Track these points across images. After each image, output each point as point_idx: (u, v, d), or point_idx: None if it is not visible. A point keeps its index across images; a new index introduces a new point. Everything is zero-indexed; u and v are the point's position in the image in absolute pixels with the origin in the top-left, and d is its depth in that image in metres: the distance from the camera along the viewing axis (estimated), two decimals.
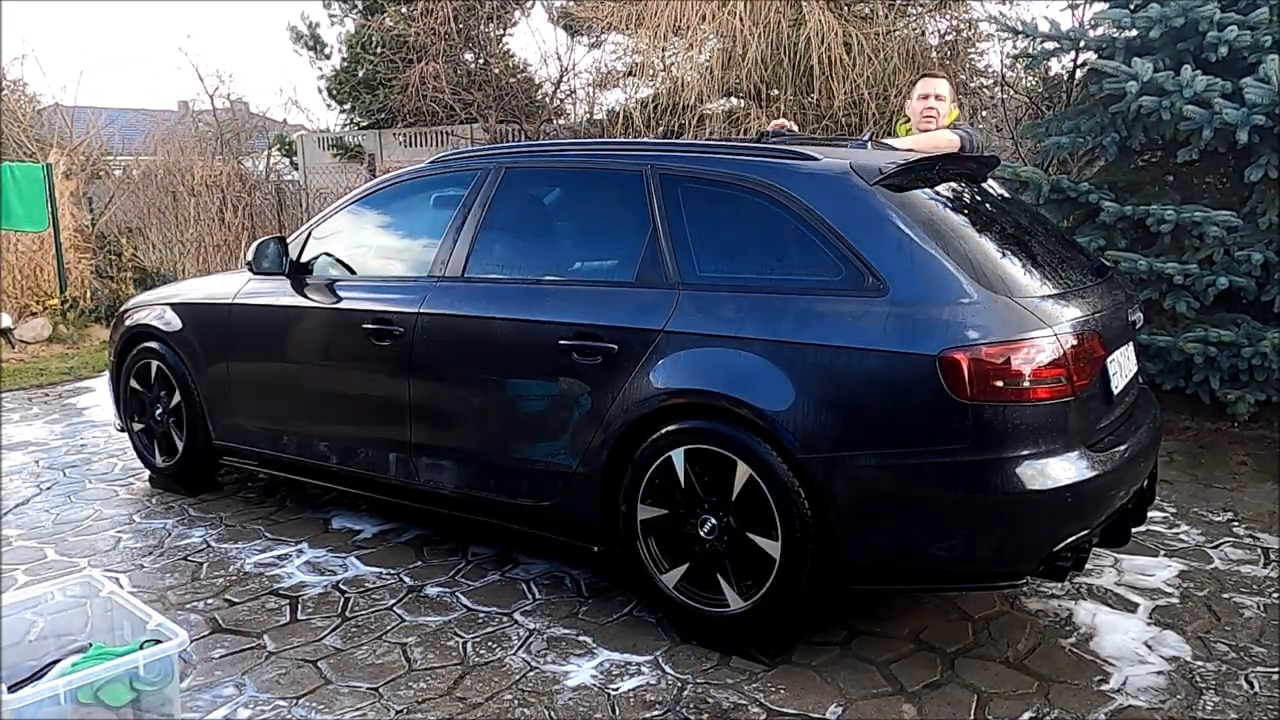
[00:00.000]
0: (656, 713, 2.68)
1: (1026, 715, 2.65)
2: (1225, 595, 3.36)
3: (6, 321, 8.97)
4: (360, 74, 16.72)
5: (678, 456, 2.99)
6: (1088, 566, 3.34)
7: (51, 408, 6.56)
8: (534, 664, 2.95)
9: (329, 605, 3.38)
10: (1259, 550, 3.76)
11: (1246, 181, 5.12)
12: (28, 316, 9.37)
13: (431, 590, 3.48)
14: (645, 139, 8.92)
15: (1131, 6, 5.38)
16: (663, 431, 3.01)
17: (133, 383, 4.66)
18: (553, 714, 2.69)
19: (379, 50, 15.24)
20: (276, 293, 4.11)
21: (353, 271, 4.06)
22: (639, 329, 3.07)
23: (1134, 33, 5.33)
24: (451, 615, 3.29)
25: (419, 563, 3.73)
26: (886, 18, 8.65)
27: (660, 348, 3.02)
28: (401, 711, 2.71)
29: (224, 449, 4.41)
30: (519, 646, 3.06)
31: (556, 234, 3.76)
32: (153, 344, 4.54)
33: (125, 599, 2.83)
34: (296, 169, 16.75)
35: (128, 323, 4.73)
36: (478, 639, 3.12)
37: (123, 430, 4.82)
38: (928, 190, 3.08)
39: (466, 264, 3.56)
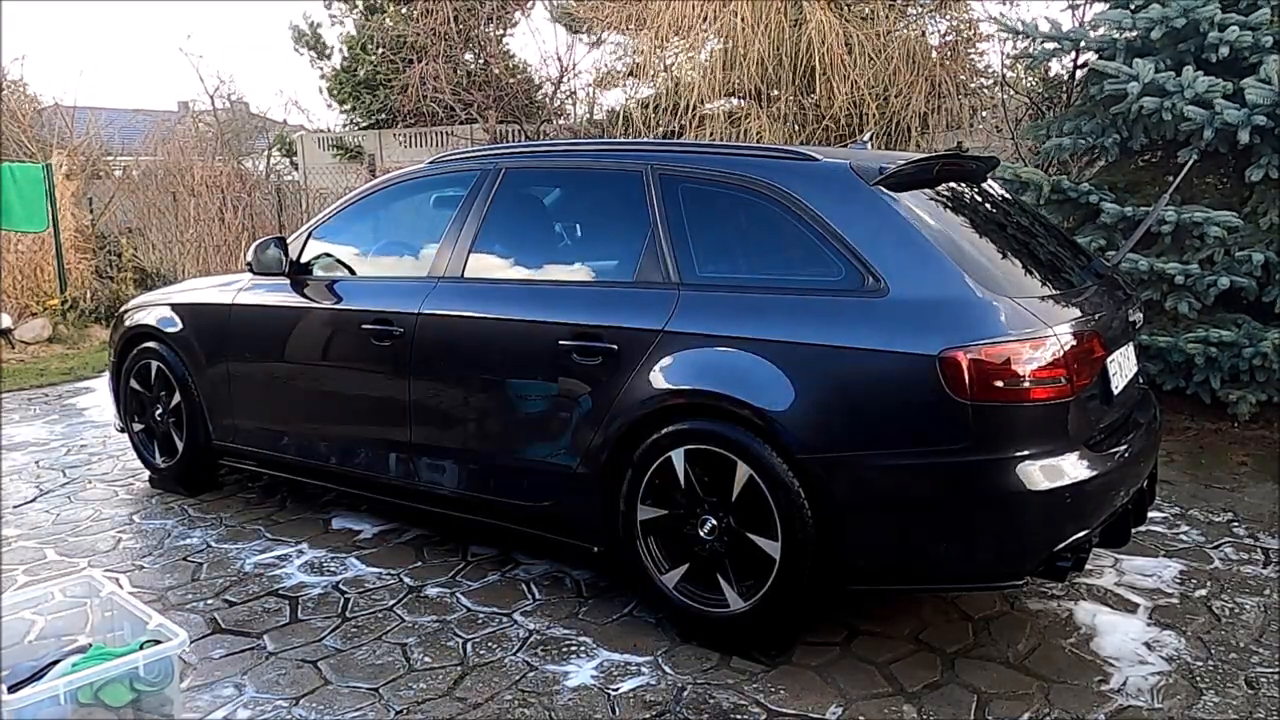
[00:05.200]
0: (656, 713, 2.68)
1: (1026, 715, 2.65)
2: (1225, 595, 3.36)
3: (6, 321, 8.97)
4: (360, 74, 16.76)
5: (678, 457, 2.99)
6: (1088, 566, 3.34)
7: (51, 408, 6.56)
8: (534, 664, 2.95)
9: (329, 605, 3.37)
10: (1259, 550, 3.76)
11: (1247, 182, 5.12)
12: (28, 316, 9.38)
13: (431, 590, 3.48)
14: (645, 139, 8.92)
15: (1132, 7, 5.37)
16: (663, 431, 3.01)
17: (133, 383, 4.66)
18: (553, 714, 2.69)
19: (379, 50, 15.27)
20: (276, 293, 4.11)
21: (353, 272, 4.06)
22: (639, 329, 3.07)
23: (1134, 33, 5.33)
24: (451, 615, 3.29)
25: (419, 563, 3.73)
26: (887, 18, 8.66)
27: (660, 348, 3.02)
28: (401, 711, 2.71)
29: (224, 449, 4.41)
30: (519, 646, 3.06)
31: (556, 234, 3.76)
32: (153, 344, 4.54)
33: (125, 599, 2.83)
34: (296, 169, 16.76)
35: (128, 323, 4.73)
36: (478, 639, 3.12)
37: (123, 430, 4.82)
38: (928, 190, 3.08)
39: (466, 264, 3.56)
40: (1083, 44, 5.82)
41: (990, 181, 3.55)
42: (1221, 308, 5.23)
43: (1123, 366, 3.13)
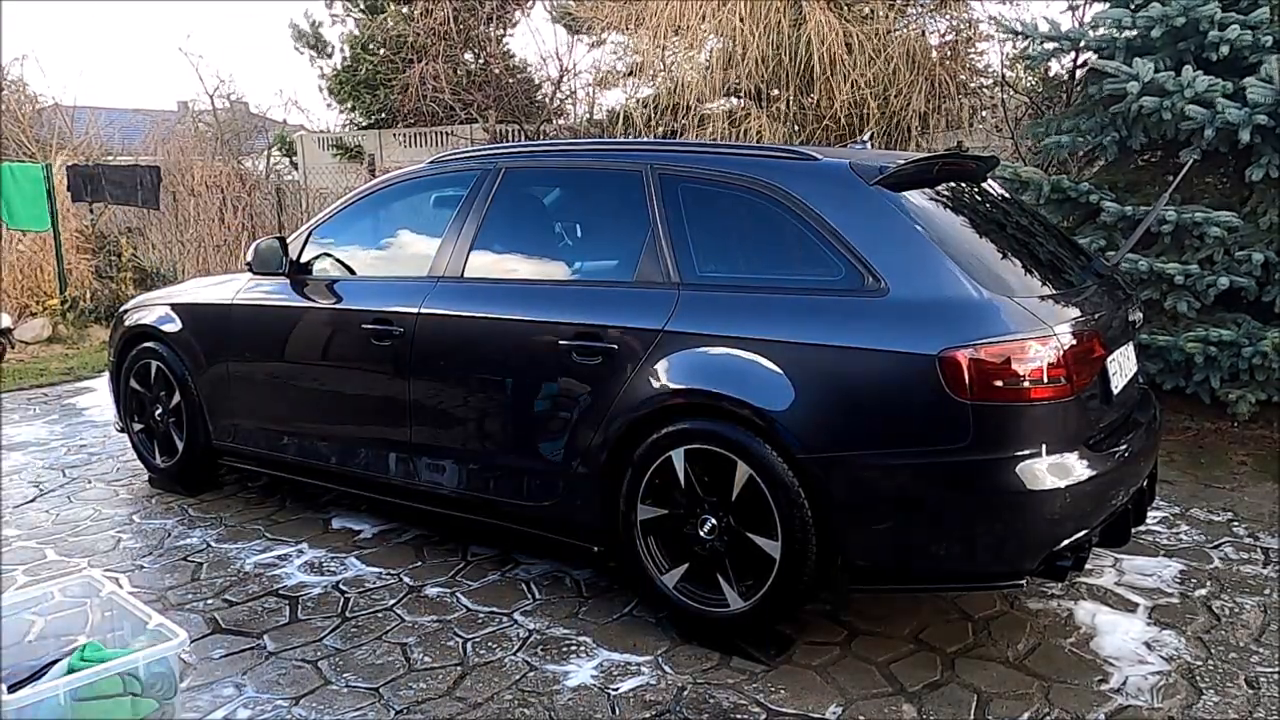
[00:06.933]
0: (656, 713, 2.68)
1: (1026, 715, 2.65)
2: (1225, 595, 3.36)
3: (6, 321, 8.96)
4: (361, 74, 16.75)
5: (678, 456, 2.99)
6: (1088, 566, 3.34)
7: (51, 408, 6.56)
8: (534, 664, 2.95)
9: (329, 605, 3.38)
10: (1259, 550, 3.76)
11: (1247, 181, 5.12)
12: (28, 316, 9.37)
13: (431, 590, 3.48)
14: (645, 139, 8.92)
15: (1132, 6, 5.37)
16: (663, 431, 3.01)
17: (133, 383, 4.66)
18: (553, 714, 2.69)
19: (379, 50, 15.28)
20: (276, 293, 4.11)
21: (352, 271, 4.06)
22: (639, 329, 3.07)
23: (1134, 32, 5.33)
24: (451, 615, 3.29)
25: (419, 563, 3.73)
26: (887, 18, 8.65)
27: (660, 348, 3.02)
28: (401, 711, 2.71)
29: (224, 449, 4.41)
30: (519, 646, 3.06)
31: (556, 234, 3.76)
32: (153, 344, 4.54)
33: (125, 599, 2.83)
34: (296, 169, 16.75)
35: (128, 323, 4.73)
36: (478, 639, 3.12)
37: (122, 430, 4.82)
38: (928, 190, 3.08)
39: (466, 264, 3.56)
40: (1082, 43, 5.82)
41: (990, 181, 3.55)
42: (1221, 307, 5.23)
43: (1123, 366, 3.13)
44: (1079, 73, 6.78)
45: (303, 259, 4.10)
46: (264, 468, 4.36)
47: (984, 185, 3.48)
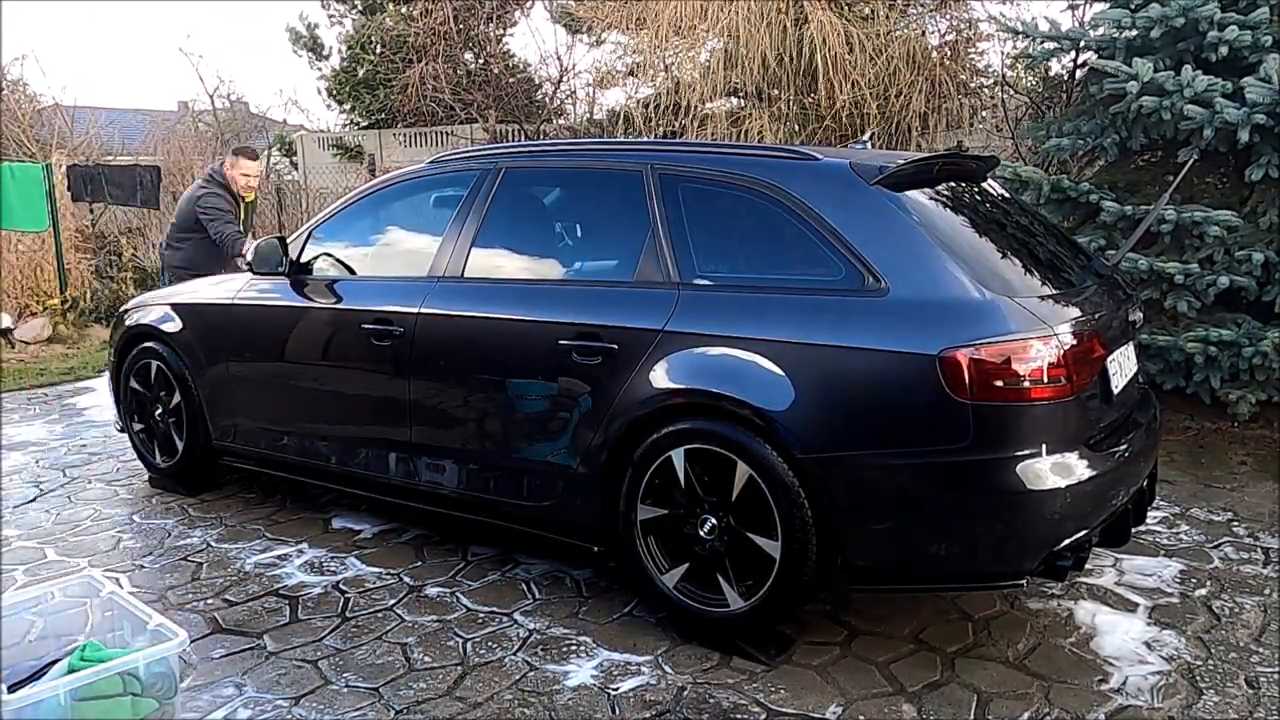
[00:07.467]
0: (656, 713, 2.68)
1: (1026, 715, 2.65)
2: (1225, 595, 3.36)
3: (6, 321, 8.96)
4: (360, 74, 16.72)
5: (678, 456, 2.99)
6: (1088, 566, 3.34)
7: (51, 408, 6.56)
8: (534, 664, 2.95)
9: (329, 605, 3.38)
10: (1259, 550, 3.76)
11: (1247, 181, 5.12)
12: (28, 316, 9.37)
13: (431, 590, 3.48)
14: (645, 139, 8.92)
15: (1132, 6, 5.37)
16: (663, 431, 3.01)
17: (133, 383, 4.66)
18: (553, 714, 2.69)
19: (379, 50, 15.26)
20: (276, 293, 4.11)
21: (352, 271, 4.06)
22: (639, 329, 3.07)
23: (1134, 33, 5.33)
24: (451, 615, 3.29)
25: (419, 563, 3.73)
26: (887, 18, 8.65)
27: (660, 347, 3.02)
28: (401, 711, 2.71)
29: (224, 449, 4.41)
30: (519, 646, 3.06)
31: (556, 234, 3.76)
32: (153, 344, 4.54)
33: (125, 599, 2.83)
34: (296, 169, 16.74)
35: (128, 323, 4.73)
36: (478, 639, 3.12)
37: (123, 430, 4.82)
38: (928, 190, 3.08)
39: (466, 264, 3.56)
40: (1082, 43, 5.83)
41: (990, 181, 3.55)
42: (1221, 307, 5.23)
43: (1123, 366, 3.13)
44: (1079, 73, 6.78)
45: (303, 259, 4.10)
46: (264, 468, 4.36)
47: (984, 185, 3.48)
